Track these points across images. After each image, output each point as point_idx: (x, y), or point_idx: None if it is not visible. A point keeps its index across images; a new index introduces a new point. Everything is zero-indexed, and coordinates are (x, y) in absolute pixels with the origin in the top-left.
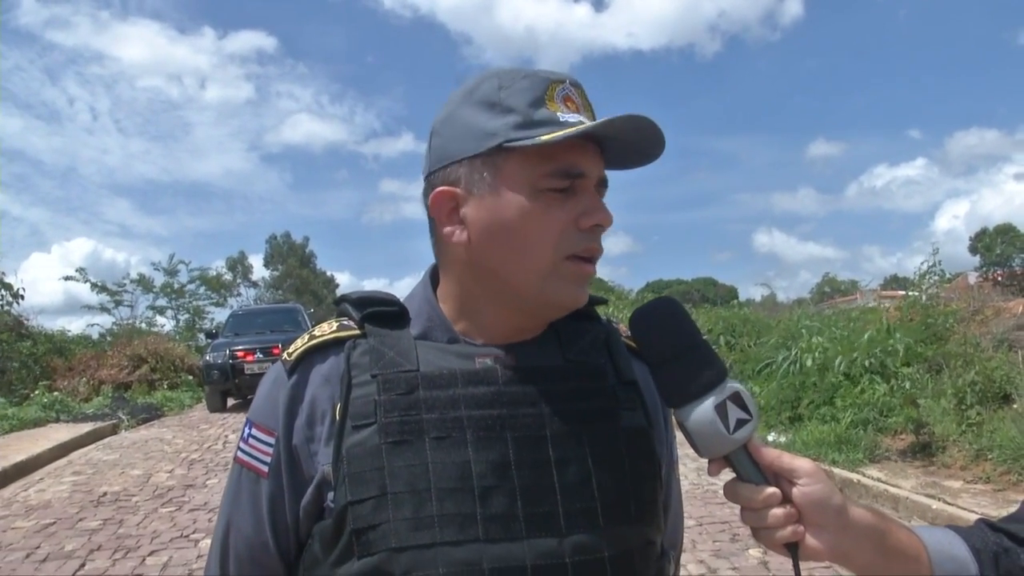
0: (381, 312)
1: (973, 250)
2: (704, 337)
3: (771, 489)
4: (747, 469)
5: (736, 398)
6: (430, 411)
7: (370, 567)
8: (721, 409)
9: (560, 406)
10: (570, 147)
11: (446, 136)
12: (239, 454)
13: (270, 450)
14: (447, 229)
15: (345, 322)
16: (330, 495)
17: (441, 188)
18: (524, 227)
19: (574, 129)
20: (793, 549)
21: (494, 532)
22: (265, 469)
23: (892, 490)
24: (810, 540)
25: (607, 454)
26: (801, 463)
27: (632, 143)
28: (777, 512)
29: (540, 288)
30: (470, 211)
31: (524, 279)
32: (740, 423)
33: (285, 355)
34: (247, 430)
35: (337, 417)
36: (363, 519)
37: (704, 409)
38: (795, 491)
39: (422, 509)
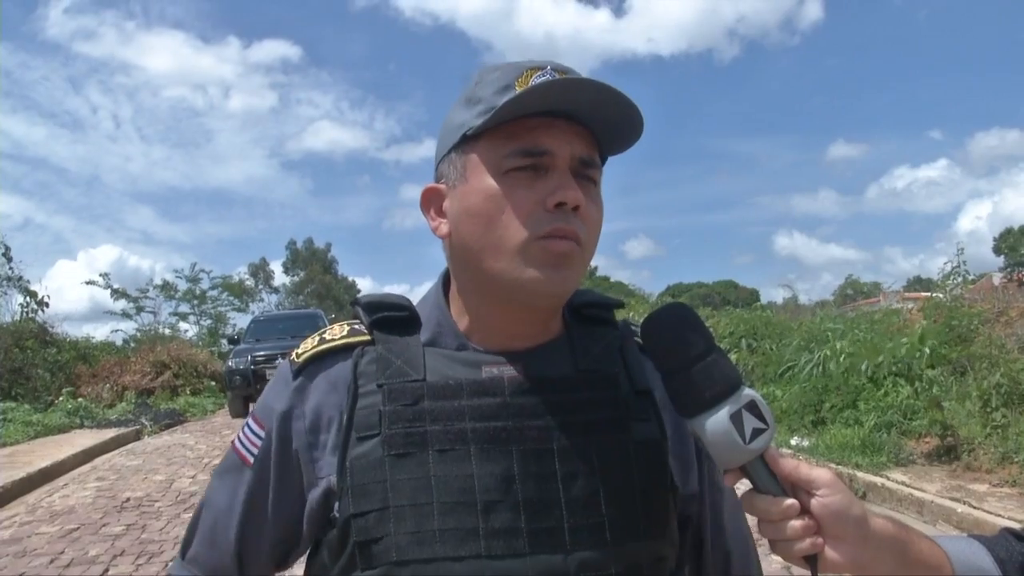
0: (391, 318)
1: (997, 251)
2: (718, 343)
3: (789, 501)
4: (764, 480)
5: (752, 407)
6: (435, 422)
7: None
8: (736, 418)
9: (568, 418)
10: (534, 126)
11: (439, 138)
12: (235, 441)
13: (259, 442)
14: (433, 224)
15: (357, 325)
16: (336, 505)
17: (427, 186)
18: (490, 210)
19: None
20: (812, 561)
21: (496, 548)
22: (251, 459)
23: (917, 494)
24: (829, 552)
25: (616, 467)
26: (820, 473)
27: (607, 118)
28: (795, 524)
29: (512, 272)
30: (449, 203)
31: (497, 264)
32: (756, 433)
33: (294, 355)
34: (248, 420)
35: (343, 427)
36: (366, 532)
37: (719, 419)
38: (814, 502)
39: (424, 523)
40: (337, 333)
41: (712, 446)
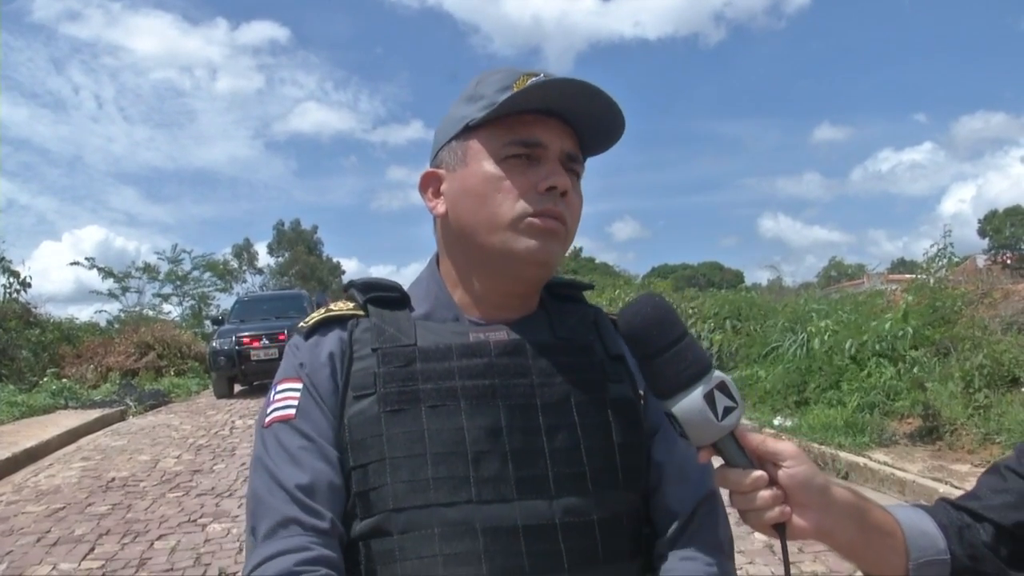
0: (383, 296)
1: (982, 233)
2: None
3: (758, 472)
4: (735, 455)
5: (722, 387)
6: (426, 382)
7: (370, 527)
8: (709, 398)
9: (549, 378)
10: (530, 121)
11: (439, 131)
12: (268, 417)
13: (297, 395)
14: (430, 204)
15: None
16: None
17: (427, 170)
18: (488, 190)
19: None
20: (781, 529)
21: (486, 494)
22: (293, 412)
23: (899, 474)
24: (796, 519)
25: (595, 423)
26: (785, 446)
27: (595, 120)
28: (764, 494)
29: (506, 243)
30: (447, 186)
31: (491, 238)
32: (727, 411)
33: (301, 324)
34: (274, 390)
35: (339, 388)
36: (364, 482)
37: (693, 399)
38: (780, 473)
39: (418, 472)
40: (341, 307)
41: (687, 425)
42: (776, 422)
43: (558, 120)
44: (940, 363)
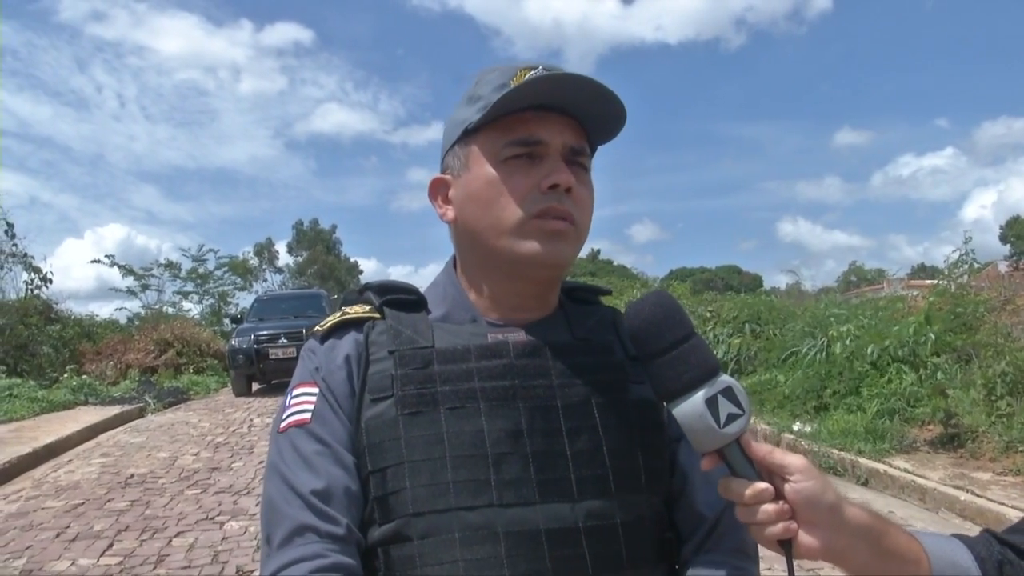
0: (400, 299)
1: (1003, 239)
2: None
3: (762, 485)
4: (740, 464)
5: (728, 393)
6: (445, 383)
7: (390, 532)
8: (711, 403)
9: (570, 378)
10: (528, 118)
11: (444, 135)
12: (283, 423)
13: (313, 400)
14: (440, 210)
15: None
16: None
17: (434, 177)
18: (490, 194)
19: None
20: (787, 547)
21: (508, 497)
22: (308, 416)
23: (920, 481)
24: (803, 538)
25: (617, 424)
26: (793, 459)
27: (595, 110)
28: (768, 508)
29: (512, 247)
30: (454, 192)
31: (498, 242)
32: (731, 418)
33: (316, 328)
34: (289, 394)
35: (356, 392)
36: (383, 487)
37: (693, 403)
38: (787, 488)
39: (438, 476)
40: (356, 310)
41: (688, 430)
42: (795, 427)
43: (558, 114)
44: (962, 370)
